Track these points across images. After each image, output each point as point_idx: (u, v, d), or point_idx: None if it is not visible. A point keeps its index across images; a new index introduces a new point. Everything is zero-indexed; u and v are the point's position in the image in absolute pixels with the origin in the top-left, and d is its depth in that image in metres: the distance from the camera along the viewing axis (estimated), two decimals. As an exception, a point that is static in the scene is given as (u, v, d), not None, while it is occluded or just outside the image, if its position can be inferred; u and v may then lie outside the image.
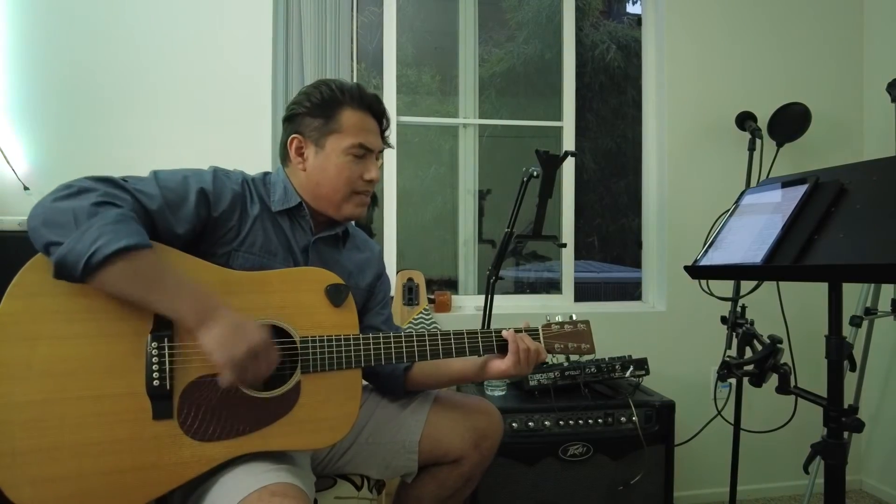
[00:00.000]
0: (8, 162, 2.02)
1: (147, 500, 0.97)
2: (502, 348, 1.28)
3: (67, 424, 0.94)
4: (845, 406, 1.12)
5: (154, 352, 1.00)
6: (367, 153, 1.24)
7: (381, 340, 1.19)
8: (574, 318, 1.37)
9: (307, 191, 1.25)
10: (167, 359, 1.00)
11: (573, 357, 1.37)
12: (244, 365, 0.98)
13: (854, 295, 2.18)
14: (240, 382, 1.00)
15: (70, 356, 0.96)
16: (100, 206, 0.95)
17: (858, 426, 1.10)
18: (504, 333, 1.28)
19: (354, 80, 2.38)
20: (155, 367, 0.99)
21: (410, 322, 2.28)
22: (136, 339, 0.99)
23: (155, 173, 1.10)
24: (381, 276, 1.44)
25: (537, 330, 1.34)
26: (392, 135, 1.32)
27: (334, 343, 1.13)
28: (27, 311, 0.95)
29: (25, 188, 2.02)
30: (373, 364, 1.18)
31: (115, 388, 0.98)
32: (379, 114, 1.28)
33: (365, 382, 1.49)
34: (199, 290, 0.99)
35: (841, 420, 1.10)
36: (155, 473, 0.98)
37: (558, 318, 1.36)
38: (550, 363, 1.98)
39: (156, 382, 0.99)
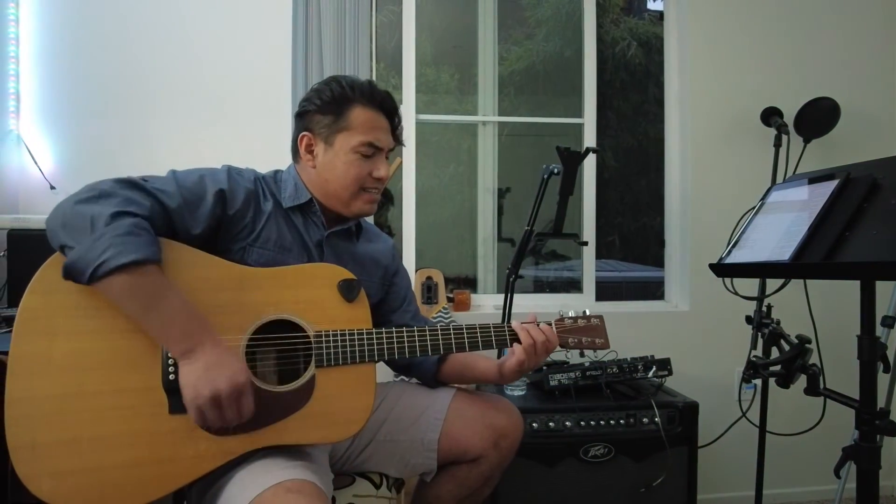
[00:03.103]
0: (35, 162, 2.06)
1: (164, 493, 0.98)
2: (514, 341, 1.27)
3: (86, 418, 0.95)
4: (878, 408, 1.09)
5: None
6: (376, 151, 1.23)
7: (395, 334, 1.18)
8: (587, 313, 1.36)
9: (317, 187, 1.25)
10: None
11: (588, 352, 1.35)
12: (204, 410, 0.96)
13: (885, 295, 2.12)
14: (202, 424, 0.98)
15: (88, 351, 0.97)
16: (117, 216, 0.96)
17: (894, 429, 1.06)
18: (514, 325, 1.27)
19: (374, 79, 2.38)
20: (170, 362, 1.00)
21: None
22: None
23: (173, 172, 1.12)
24: (398, 271, 1.44)
25: (550, 325, 1.32)
26: (411, 134, 1.31)
27: (347, 337, 1.13)
28: (47, 306, 0.97)
29: (52, 187, 2.06)
30: (386, 358, 1.18)
31: (132, 382, 0.99)
32: (390, 111, 1.26)
33: (390, 379, 1.49)
34: (192, 319, 0.99)
35: (874, 423, 1.07)
36: (172, 466, 0.98)
37: (571, 314, 1.35)
38: (570, 362, 1.96)
39: (171, 377, 1.00)
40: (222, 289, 1.06)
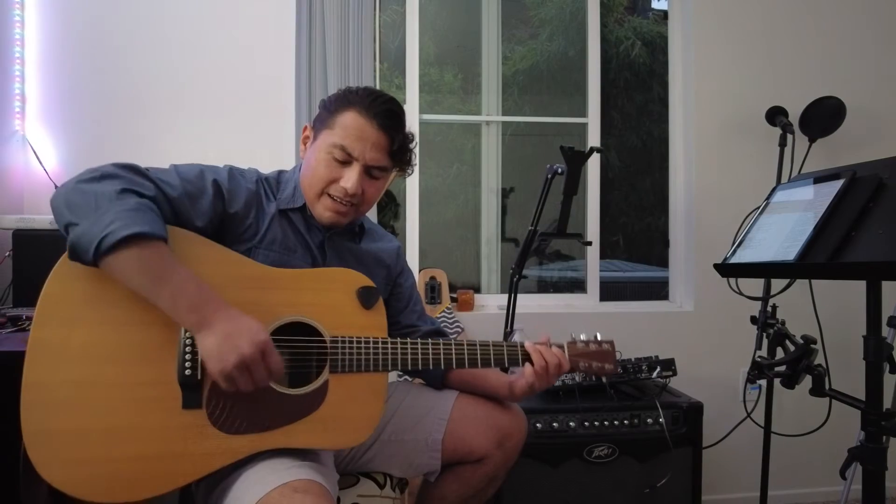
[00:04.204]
0: (40, 162, 2.07)
1: (172, 487, 0.98)
2: (527, 360, 1.26)
3: (100, 408, 0.96)
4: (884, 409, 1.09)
5: (187, 342, 1.00)
6: (349, 159, 1.17)
7: (409, 346, 1.18)
8: (599, 336, 1.34)
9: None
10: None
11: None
12: (234, 376, 0.95)
13: (891, 295, 2.10)
14: (233, 390, 0.98)
15: (106, 341, 0.97)
16: (123, 192, 0.96)
17: (899, 430, 1.06)
18: (527, 345, 1.26)
19: (377, 80, 2.38)
20: (187, 356, 1.00)
21: (433, 321, 2.28)
22: (170, 329, 1.00)
23: (174, 166, 1.12)
24: (403, 271, 1.43)
25: (563, 346, 1.30)
26: (415, 134, 1.28)
27: (363, 345, 1.13)
28: (68, 294, 0.97)
29: (56, 188, 2.06)
30: (399, 369, 1.17)
31: (147, 375, 0.99)
32: (385, 128, 1.18)
33: (394, 378, 1.48)
34: (201, 290, 0.97)
35: (880, 424, 1.06)
36: (181, 462, 0.98)
37: (583, 336, 1.33)
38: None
39: (187, 372, 1.00)
40: (243, 287, 1.06)
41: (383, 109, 1.18)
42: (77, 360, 0.96)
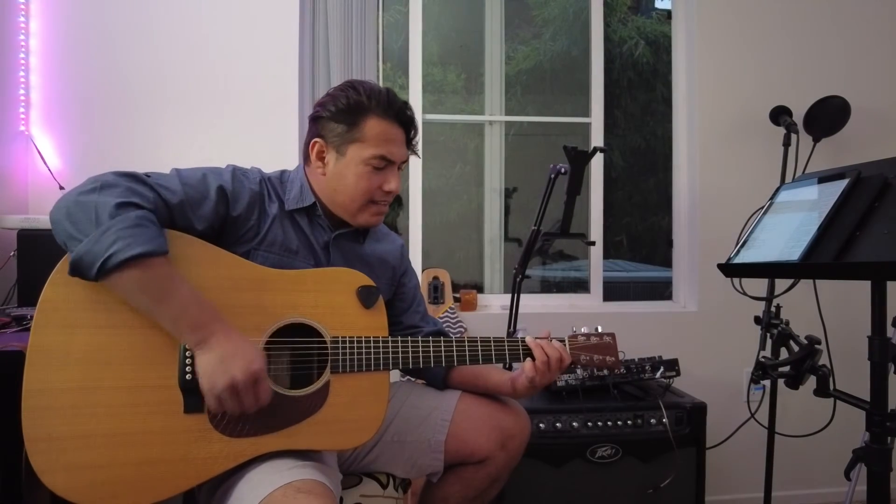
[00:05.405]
0: (44, 162, 2.08)
1: (176, 492, 0.98)
2: (528, 356, 1.25)
3: (102, 413, 0.96)
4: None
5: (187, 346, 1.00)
6: (388, 164, 1.20)
7: (410, 344, 1.18)
8: (600, 329, 1.33)
9: (325, 194, 1.24)
10: None
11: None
12: (222, 398, 0.97)
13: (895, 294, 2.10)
14: (220, 411, 0.99)
15: (107, 346, 0.97)
16: (121, 206, 0.95)
17: (905, 431, 1.05)
18: (528, 340, 1.25)
19: (380, 80, 2.39)
20: (188, 361, 1.00)
21: (436, 321, 2.28)
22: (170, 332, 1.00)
23: (177, 170, 1.11)
24: (407, 271, 1.43)
25: (564, 340, 1.30)
26: (418, 137, 1.29)
27: (363, 344, 1.13)
28: (67, 299, 0.97)
29: (61, 188, 2.07)
30: (400, 367, 1.17)
31: (148, 379, 0.99)
32: (406, 122, 1.22)
33: (396, 379, 1.48)
34: (203, 310, 0.99)
35: (885, 424, 1.06)
36: (184, 466, 0.98)
37: (584, 329, 1.32)
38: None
39: (188, 377, 0.99)
40: (243, 289, 1.06)
41: (399, 107, 1.21)
42: (78, 365, 0.96)
